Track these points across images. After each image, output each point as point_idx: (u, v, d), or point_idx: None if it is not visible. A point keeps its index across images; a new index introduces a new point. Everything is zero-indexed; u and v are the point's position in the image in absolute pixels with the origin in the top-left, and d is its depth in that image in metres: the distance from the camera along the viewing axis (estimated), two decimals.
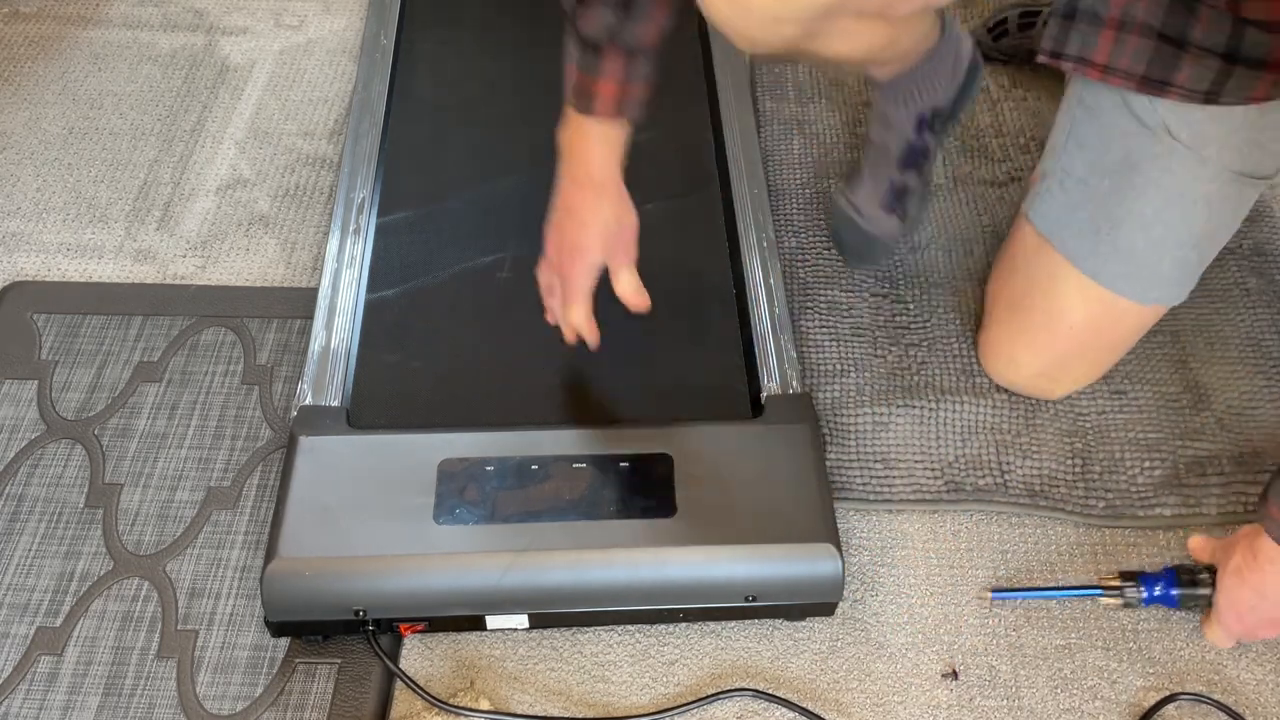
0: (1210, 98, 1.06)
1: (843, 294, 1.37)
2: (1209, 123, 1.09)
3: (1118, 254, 1.17)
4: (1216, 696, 1.09)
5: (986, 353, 1.30)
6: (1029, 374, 1.27)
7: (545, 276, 1.24)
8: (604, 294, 1.20)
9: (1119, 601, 1.14)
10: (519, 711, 1.08)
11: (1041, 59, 1.10)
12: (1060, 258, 1.20)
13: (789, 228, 1.44)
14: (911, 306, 1.38)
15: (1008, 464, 1.24)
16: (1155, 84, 1.07)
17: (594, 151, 1.14)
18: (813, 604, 1.11)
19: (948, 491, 1.22)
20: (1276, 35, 1.02)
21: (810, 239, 1.44)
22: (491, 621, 1.10)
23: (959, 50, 1.27)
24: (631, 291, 1.19)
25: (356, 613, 1.07)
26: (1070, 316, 1.22)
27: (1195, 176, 1.12)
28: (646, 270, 1.27)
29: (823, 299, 1.38)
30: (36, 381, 1.32)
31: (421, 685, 1.09)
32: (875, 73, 1.26)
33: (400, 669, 1.09)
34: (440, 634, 1.12)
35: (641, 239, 1.26)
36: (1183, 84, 1.06)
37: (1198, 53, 1.04)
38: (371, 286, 1.32)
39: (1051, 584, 1.17)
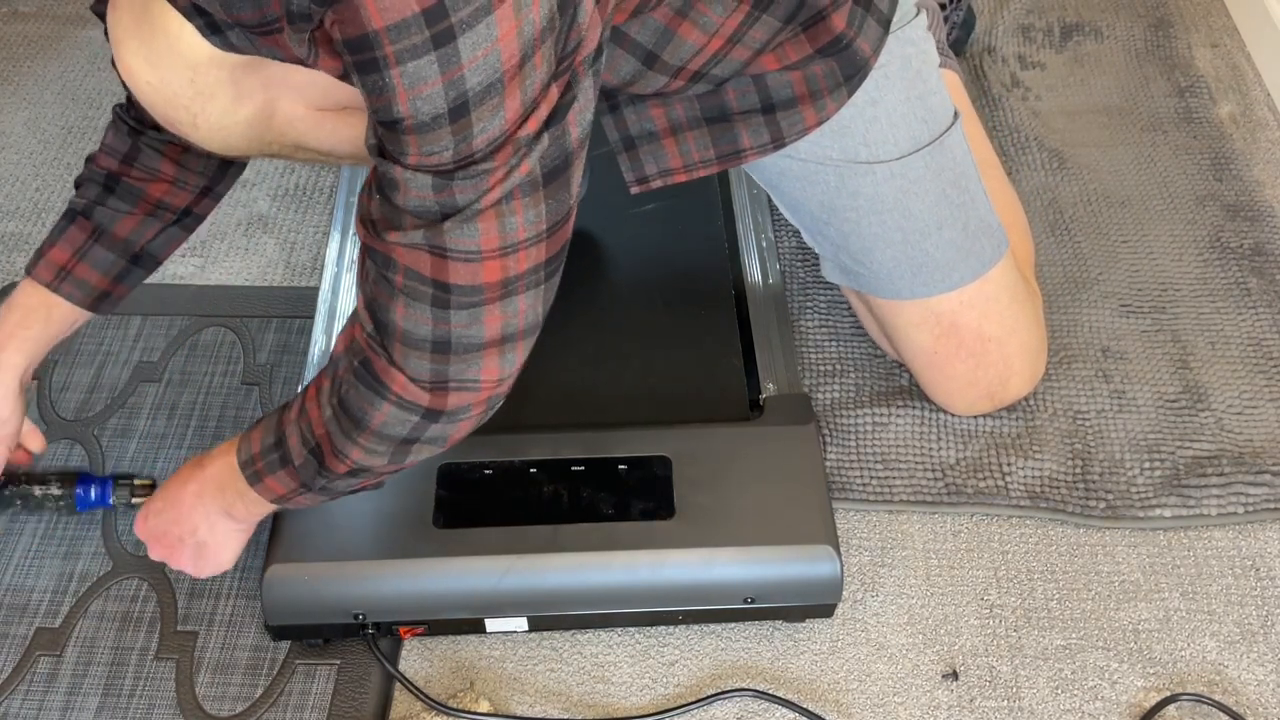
0: (778, 145, 1.11)
1: (843, 294, 1.37)
2: (817, 147, 1.13)
3: (892, 271, 1.19)
4: (1217, 697, 1.09)
5: (939, 404, 1.28)
6: (971, 401, 1.25)
7: None
8: (604, 292, 1.20)
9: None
10: (519, 713, 1.08)
11: (635, 190, 1.13)
12: (877, 302, 1.23)
13: (789, 228, 1.43)
14: None
15: (1008, 465, 1.24)
16: (730, 157, 1.12)
17: (7, 316, 1.06)
18: (812, 606, 1.11)
19: (948, 494, 1.22)
20: (793, 73, 1.06)
21: None
22: (491, 625, 1.10)
23: None
24: None
25: (356, 616, 1.07)
26: (921, 341, 1.22)
27: (874, 182, 1.14)
28: (647, 270, 1.27)
29: (823, 299, 1.38)
30: (36, 381, 1.31)
31: (421, 687, 1.09)
32: None
33: (400, 671, 1.09)
34: (440, 635, 1.13)
35: (642, 239, 1.26)
36: (749, 145, 1.11)
37: (742, 116, 1.09)
38: None
39: None
